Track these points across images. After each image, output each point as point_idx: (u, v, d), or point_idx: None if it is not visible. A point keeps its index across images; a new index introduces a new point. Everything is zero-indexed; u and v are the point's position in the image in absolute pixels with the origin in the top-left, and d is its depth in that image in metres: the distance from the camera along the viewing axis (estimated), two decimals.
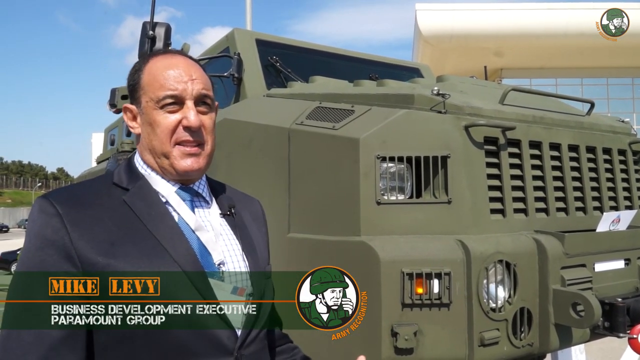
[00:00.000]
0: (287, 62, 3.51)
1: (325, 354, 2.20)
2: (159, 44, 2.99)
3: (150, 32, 2.99)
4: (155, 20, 3.00)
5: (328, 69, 3.69)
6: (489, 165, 2.24)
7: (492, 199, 2.23)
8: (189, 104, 1.08)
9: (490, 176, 2.24)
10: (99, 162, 7.02)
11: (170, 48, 3.04)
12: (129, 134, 5.51)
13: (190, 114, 1.07)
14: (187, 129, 1.07)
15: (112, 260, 0.97)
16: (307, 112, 2.48)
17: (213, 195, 1.22)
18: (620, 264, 2.45)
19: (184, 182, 1.14)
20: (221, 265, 1.09)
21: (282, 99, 2.90)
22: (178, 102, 1.08)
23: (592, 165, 2.66)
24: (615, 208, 2.74)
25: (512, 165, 2.32)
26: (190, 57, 1.17)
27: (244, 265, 1.14)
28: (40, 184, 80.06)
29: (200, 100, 1.10)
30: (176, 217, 1.09)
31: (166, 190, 1.11)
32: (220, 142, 2.92)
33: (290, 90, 3.02)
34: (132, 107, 1.14)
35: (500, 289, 2.06)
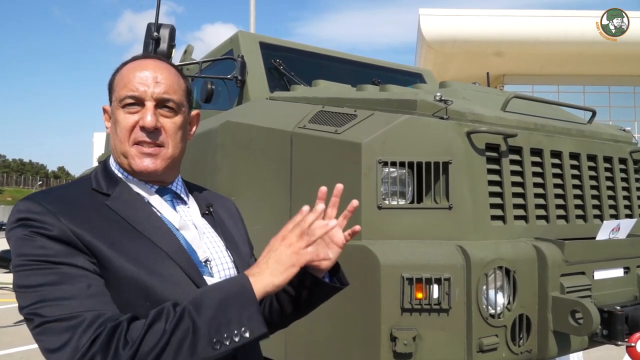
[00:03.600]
0: (290, 66, 3.53)
1: (324, 356, 2.21)
2: (163, 45, 3.01)
3: (155, 34, 3.01)
4: (152, 16, 3.03)
5: (331, 72, 3.70)
6: (490, 171, 2.25)
7: (492, 206, 2.24)
8: (148, 104, 1.10)
9: (491, 182, 2.25)
10: (99, 162, 7.03)
11: (173, 49, 3.07)
12: None
13: (147, 115, 1.09)
14: (143, 129, 1.09)
15: (114, 252, 0.99)
16: (310, 116, 2.49)
17: (190, 195, 1.26)
18: (619, 272, 2.46)
19: (160, 184, 1.17)
20: (208, 262, 1.13)
21: (285, 102, 2.91)
22: (138, 102, 1.10)
23: (592, 173, 2.67)
24: (615, 216, 2.75)
25: (513, 172, 2.33)
26: (168, 63, 1.19)
27: (230, 261, 1.18)
28: (40, 182, 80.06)
29: (162, 103, 1.12)
30: (160, 217, 1.12)
31: (146, 191, 1.14)
32: (222, 144, 2.95)
33: (293, 93, 3.03)
34: (108, 107, 1.18)
35: (499, 295, 2.07)
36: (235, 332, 0.90)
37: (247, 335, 0.91)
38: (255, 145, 2.73)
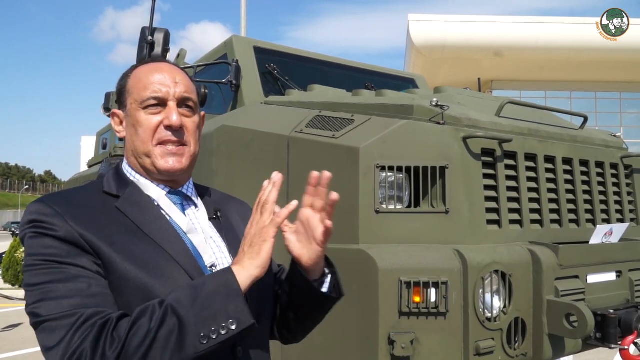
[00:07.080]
0: (284, 70, 3.54)
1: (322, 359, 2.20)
2: (158, 50, 3.00)
3: (149, 38, 3.00)
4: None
5: (324, 77, 3.71)
6: (485, 176, 2.28)
7: (488, 210, 2.26)
8: (171, 104, 1.13)
9: (486, 187, 2.27)
10: (90, 166, 6.97)
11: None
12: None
13: (172, 114, 1.12)
14: (169, 128, 1.12)
15: (118, 255, 1.00)
16: (307, 121, 2.50)
17: (200, 199, 1.26)
18: (612, 276, 2.49)
19: (172, 186, 1.18)
20: (214, 267, 1.12)
21: (280, 107, 2.92)
22: (161, 103, 1.13)
23: (585, 178, 2.71)
24: (607, 221, 2.78)
25: (508, 177, 2.36)
26: (177, 66, 1.23)
27: None
28: (27, 186, 79.17)
29: (182, 103, 1.15)
30: (168, 220, 1.13)
31: (156, 193, 1.15)
32: (218, 148, 2.95)
33: (289, 98, 3.03)
34: (119, 112, 1.20)
35: (495, 298, 2.09)
36: (223, 324, 0.90)
37: (234, 327, 0.91)
38: (251, 150, 2.73)
